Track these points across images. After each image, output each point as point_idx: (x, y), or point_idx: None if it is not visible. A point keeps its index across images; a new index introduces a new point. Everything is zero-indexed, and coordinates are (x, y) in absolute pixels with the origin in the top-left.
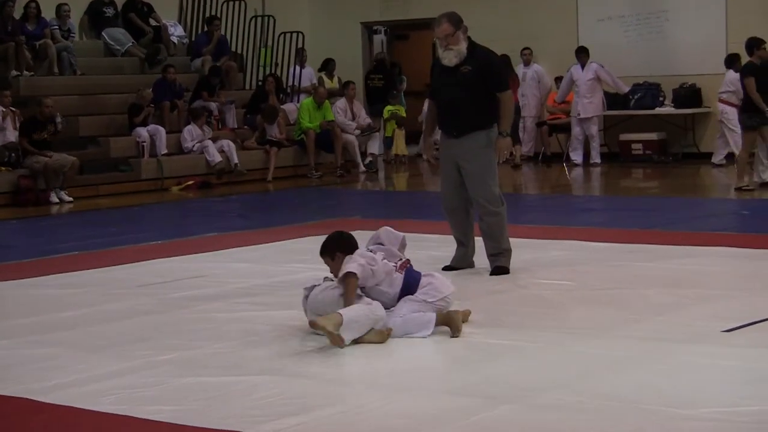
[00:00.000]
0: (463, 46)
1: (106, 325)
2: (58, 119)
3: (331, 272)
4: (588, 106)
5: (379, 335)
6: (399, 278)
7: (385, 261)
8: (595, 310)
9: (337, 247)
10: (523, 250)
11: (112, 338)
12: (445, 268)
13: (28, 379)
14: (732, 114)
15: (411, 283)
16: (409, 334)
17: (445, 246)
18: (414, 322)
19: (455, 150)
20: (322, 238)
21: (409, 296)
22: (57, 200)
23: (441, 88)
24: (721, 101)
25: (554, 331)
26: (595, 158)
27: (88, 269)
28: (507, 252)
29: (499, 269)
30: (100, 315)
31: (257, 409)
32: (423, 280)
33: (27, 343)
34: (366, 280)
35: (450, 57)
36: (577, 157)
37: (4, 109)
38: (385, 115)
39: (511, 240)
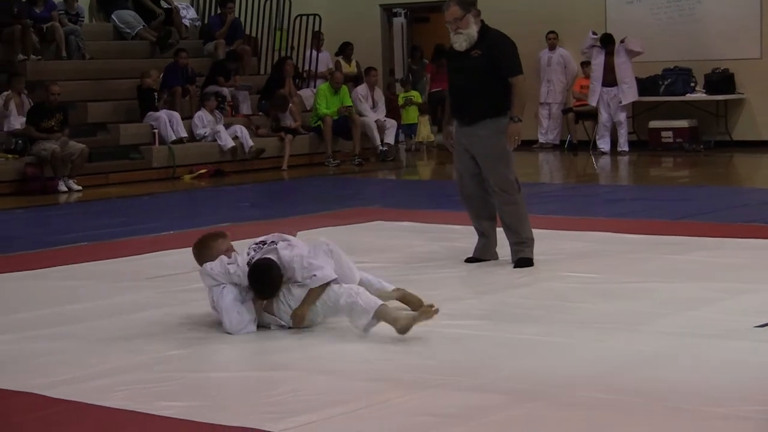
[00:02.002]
0: (473, 30)
1: (114, 318)
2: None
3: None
4: (628, 91)
5: (426, 313)
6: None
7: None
8: (622, 304)
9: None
10: (547, 241)
11: (122, 332)
12: (468, 260)
13: (34, 373)
14: None
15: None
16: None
17: (469, 237)
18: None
19: (468, 138)
20: (339, 229)
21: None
22: (65, 189)
23: (452, 74)
24: None
25: (581, 326)
26: (623, 146)
27: (97, 261)
28: (529, 241)
29: (523, 261)
30: (109, 308)
31: (273, 406)
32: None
33: (33, 337)
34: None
35: (460, 41)
36: (604, 145)
37: (8, 94)
38: (400, 101)
39: (535, 231)
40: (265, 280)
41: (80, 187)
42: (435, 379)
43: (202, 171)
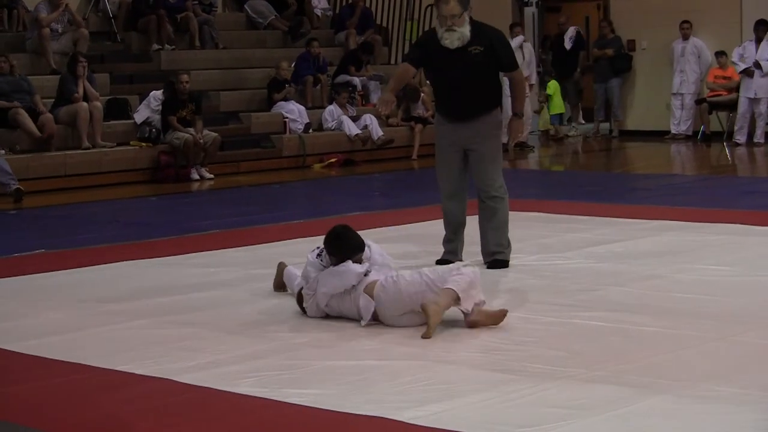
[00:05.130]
0: (466, 30)
1: (245, 305)
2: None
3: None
4: (765, 84)
5: (495, 317)
6: None
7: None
8: (756, 298)
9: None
10: (680, 233)
11: (252, 319)
12: (440, 262)
13: (166, 359)
14: None
15: None
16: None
17: (596, 227)
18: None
19: (463, 133)
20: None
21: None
22: (197, 177)
23: (444, 70)
24: None
25: (712, 319)
26: (760, 138)
27: (228, 248)
28: (509, 245)
29: (501, 263)
30: (240, 295)
31: (400, 395)
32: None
33: (165, 322)
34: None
35: (452, 39)
36: (741, 137)
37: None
38: (549, 90)
39: (669, 222)
40: (340, 236)
41: (212, 176)
42: (562, 371)
43: (332, 160)
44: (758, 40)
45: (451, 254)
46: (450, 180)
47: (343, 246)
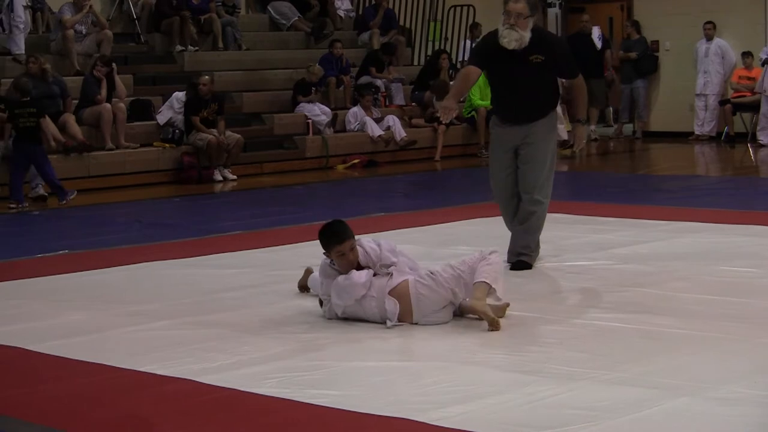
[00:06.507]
0: (527, 34)
1: (267, 306)
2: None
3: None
4: None
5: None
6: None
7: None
8: None
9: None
10: (704, 234)
11: (275, 320)
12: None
13: (189, 360)
14: None
15: None
16: None
17: (619, 229)
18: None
19: (518, 134)
20: (491, 220)
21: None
22: (220, 178)
23: (504, 75)
24: None
25: (737, 321)
26: None
27: (251, 249)
28: (537, 248)
29: (524, 264)
30: (262, 296)
31: (423, 396)
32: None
33: (188, 323)
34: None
35: (510, 39)
36: (764, 137)
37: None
38: None
39: (691, 224)
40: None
41: (235, 177)
42: (584, 372)
43: (355, 161)
44: None
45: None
46: (501, 182)
47: (321, 239)
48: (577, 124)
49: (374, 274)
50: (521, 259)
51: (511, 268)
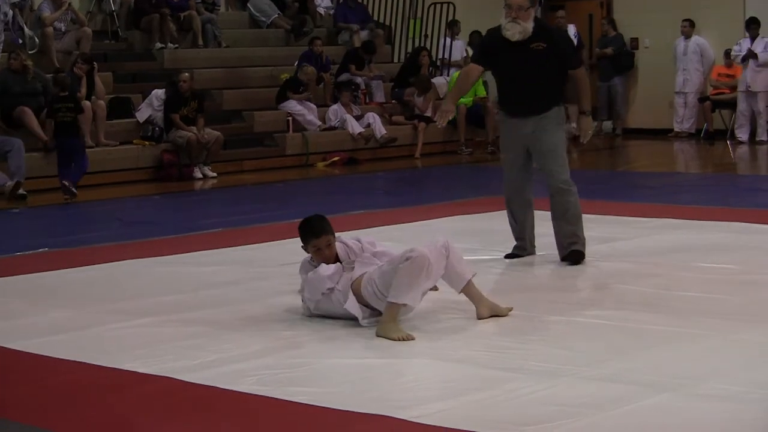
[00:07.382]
0: (530, 25)
1: (248, 304)
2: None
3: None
4: (759, 79)
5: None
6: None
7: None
8: (758, 295)
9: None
10: (683, 231)
11: (255, 317)
12: (508, 256)
13: (170, 357)
14: None
15: None
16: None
17: (605, 226)
18: None
19: (524, 128)
20: (473, 217)
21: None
22: (200, 175)
23: (507, 66)
24: None
25: (716, 318)
26: (762, 135)
27: (231, 247)
28: (583, 239)
29: (576, 254)
30: (244, 293)
31: (404, 393)
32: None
33: (169, 321)
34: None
35: (514, 31)
36: (742, 134)
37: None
38: None
39: (672, 221)
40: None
41: (215, 174)
42: (565, 369)
43: (335, 159)
44: (752, 38)
45: (519, 249)
46: (512, 177)
47: (300, 232)
48: (582, 116)
49: (344, 269)
50: (573, 249)
51: (564, 260)
